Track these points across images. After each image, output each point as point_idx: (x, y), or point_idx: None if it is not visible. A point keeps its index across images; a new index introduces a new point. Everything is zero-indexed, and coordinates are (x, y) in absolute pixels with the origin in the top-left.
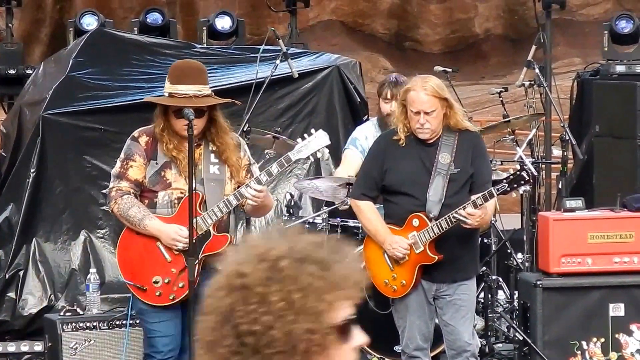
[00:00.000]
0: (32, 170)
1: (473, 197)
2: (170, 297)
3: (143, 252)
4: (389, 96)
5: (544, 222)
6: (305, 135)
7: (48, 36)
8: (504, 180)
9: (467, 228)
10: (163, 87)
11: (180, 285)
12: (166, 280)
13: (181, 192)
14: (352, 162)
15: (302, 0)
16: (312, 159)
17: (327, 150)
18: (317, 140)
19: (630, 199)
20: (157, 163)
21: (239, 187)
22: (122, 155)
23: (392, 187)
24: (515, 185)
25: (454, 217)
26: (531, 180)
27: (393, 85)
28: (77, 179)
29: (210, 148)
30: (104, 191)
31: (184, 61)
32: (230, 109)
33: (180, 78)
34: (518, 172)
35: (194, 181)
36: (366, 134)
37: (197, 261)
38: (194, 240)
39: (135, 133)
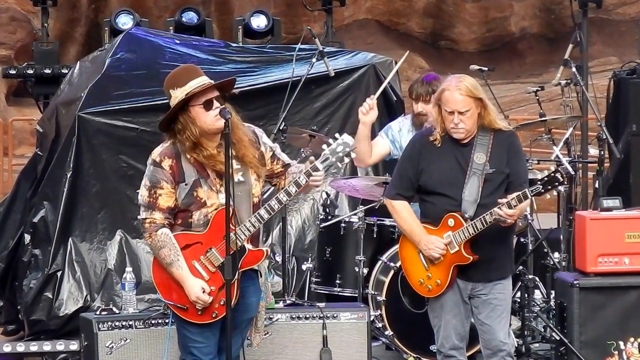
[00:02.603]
0: (69, 170)
1: (508, 198)
2: (213, 315)
3: None
4: (413, 96)
5: (581, 221)
6: (330, 140)
7: (83, 35)
8: (538, 182)
9: (501, 226)
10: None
11: (222, 302)
12: None
13: (216, 209)
14: (376, 148)
15: None
16: (340, 165)
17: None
18: (342, 146)
19: None
20: (186, 184)
21: (269, 176)
22: (147, 182)
23: (428, 187)
24: (549, 187)
25: (489, 216)
26: (565, 182)
27: (419, 85)
28: (113, 178)
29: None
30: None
31: (177, 68)
32: (267, 107)
33: (186, 78)
34: (552, 174)
35: (225, 195)
36: (401, 126)
37: (235, 278)
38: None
39: (156, 157)
